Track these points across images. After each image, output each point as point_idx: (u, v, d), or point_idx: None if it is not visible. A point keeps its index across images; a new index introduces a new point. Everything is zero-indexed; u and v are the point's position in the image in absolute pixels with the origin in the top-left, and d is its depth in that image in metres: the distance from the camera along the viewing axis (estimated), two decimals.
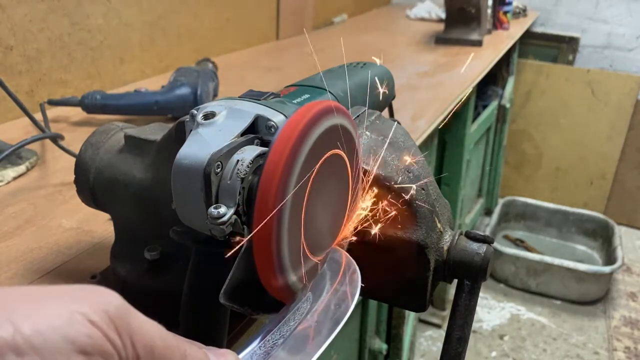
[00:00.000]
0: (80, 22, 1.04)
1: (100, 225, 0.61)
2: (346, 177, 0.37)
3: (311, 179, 0.32)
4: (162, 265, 0.47)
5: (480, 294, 0.43)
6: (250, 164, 0.34)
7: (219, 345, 0.39)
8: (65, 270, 0.53)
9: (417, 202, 0.41)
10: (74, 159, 0.50)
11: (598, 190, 2.57)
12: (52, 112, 0.96)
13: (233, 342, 0.46)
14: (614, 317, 2.01)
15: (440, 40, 1.68)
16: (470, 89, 1.28)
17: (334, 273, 0.35)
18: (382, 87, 0.58)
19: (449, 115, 1.18)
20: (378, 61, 0.59)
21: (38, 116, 0.80)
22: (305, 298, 0.32)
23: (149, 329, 0.23)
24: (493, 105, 2.04)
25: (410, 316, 1.31)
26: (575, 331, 1.93)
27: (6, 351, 0.19)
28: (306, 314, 0.31)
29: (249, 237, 0.31)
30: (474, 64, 1.45)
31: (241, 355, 0.28)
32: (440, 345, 0.42)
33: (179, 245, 0.39)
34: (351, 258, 0.36)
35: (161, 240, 0.45)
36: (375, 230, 0.42)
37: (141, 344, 0.23)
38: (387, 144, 0.43)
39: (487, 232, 1.87)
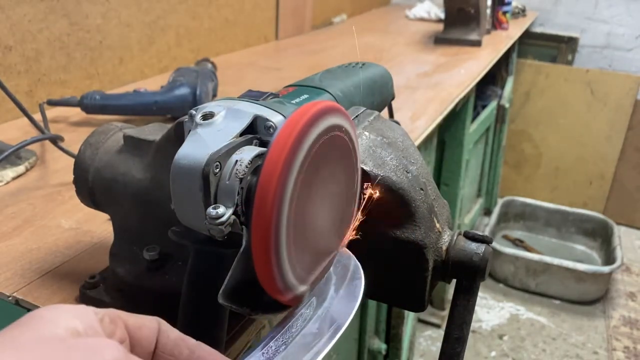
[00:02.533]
0: (80, 22, 1.04)
1: (99, 226, 0.61)
2: (346, 177, 0.37)
3: (310, 179, 0.32)
4: (161, 265, 0.47)
5: (480, 294, 0.43)
6: (248, 164, 0.34)
7: (218, 346, 0.40)
8: (65, 271, 0.53)
9: (415, 202, 0.41)
10: (73, 159, 0.50)
11: (597, 190, 2.57)
12: (52, 112, 0.96)
13: (232, 342, 0.46)
14: (613, 317, 2.01)
15: (440, 40, 1.68)
16: (469, 89, 1.28)
17: (339, 278, 0.35)
18: (381, 88, 0.58)
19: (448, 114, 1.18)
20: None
21: (37, 116, 0.80)
22: (308, 303, 0.32)
23: None
24: (492, 105, 2.04)
25: (410, 316, 1.31)
26: (575, 331, 1.93)
27: None
28: (308, 321, 0.31)
29: (247, 237, 0.31)
30: (473, 64, 1.45)
31: None
32: (439, 345, 0.42)
33: (177, 245, 0.39)
34: (359, 264, 0.36)
35: (160, 240, 0.45)
36: (374, 231, 0.42)
37: None
38: (386, 144, 0.43)
39: (487, 232, 1.87)
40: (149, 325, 0.29)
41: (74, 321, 0.26)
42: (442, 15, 2.04)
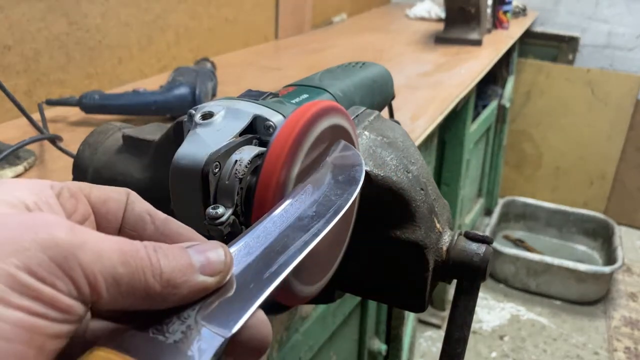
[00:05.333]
0: (79, 21, 1.04)
1: None
2: None
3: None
4: None
5: (480, 294, 0.43)
6: (248, 164, 0.34)
7: None
8: None
9: (416, 202, 0.41)
10: (72, 159, 0.50)
11: (598, 190, 2.57)
12: (51, 112, 0.96)
13: None
14: (614, 318, 2.01)
15: (440, 39, 1.68)
16: (469, 89, 1.28)
17: (337, 165, 0.33)
18: (381, 87, 0.58)
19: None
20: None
21: (36, 116, 0.80)
22: (303, 190, 0.30)
23: (108, 257, 0.20)
24: (493, 105, 2.04)
25: (410, 317, 1.31)
26: (576, 331, 1.93)
27: None
28: (304, 204, 0.29)
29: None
30: (474, 63, 1.45)
31: (233, 248, 0.25)
32: (439, 345, 0.42)
33: None
34: (358, 152, 0.34)
35: None
36: (374, 231, 0.41)
37: (100, 279, 0.20)
38: (386, 144, 0.43)
39: (487, 232, 1.87)
40: (116, 197, 0.26)
41: (22, 194, 0.22)
42: (442, 15, 2.04)
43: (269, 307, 0.33)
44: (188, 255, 0.23)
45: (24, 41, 0.94)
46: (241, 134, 0.37)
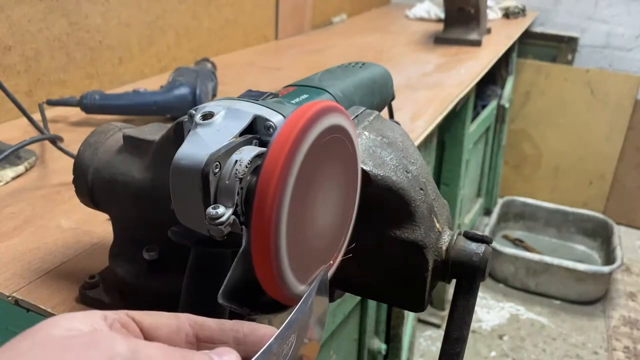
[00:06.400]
0: (79, 22, 1.04)
1: (99, 226, 0.61)
2: (346, 177, 0.37)
3: (310, 179, 0.32)
4: (161, 265, 0.47)
5: (480, 294, 0.43)
6: (248, 164, 0.34)
7: None
8: (64, 271, 0.53)
9: (415, 202, 0.41)
10: (72, 159, 0.50)
11: (597, 190, 2.57)
12: (51, 112, 0.96)
13: None
14: (613, 317, 2.01)
15: (440, 40, 1.68)
16: (469, 89, 1.28)
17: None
18: (381, 88, 0.58)
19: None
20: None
21: (37, 116, 0.80)
22: (290, 342, 0.30)
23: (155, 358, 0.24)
24: (492, 105, 2.04)
25: (410, 316, 1.31)
26: (575, 331, 1.93)
27: None
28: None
29: (247, 237, 0.31)
30: (473, 63, 1.45)
31: None
32: (439, 345, 0.42)
33: (177, 245, 0.39)
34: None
35: (160, 240, 0.45)
36: (374, 231, 0.42)
37: None
38: (385, 144, 0.43)
39: (486, 232, 1.87)
40: (168, 323, 0.29)
41: (78, 324, 0.25)
42: (442, 15, 2.04)
43: (269, 306, 0.33)
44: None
45: (25, 41, 0.94)
46: (241, 134, 0.37)
